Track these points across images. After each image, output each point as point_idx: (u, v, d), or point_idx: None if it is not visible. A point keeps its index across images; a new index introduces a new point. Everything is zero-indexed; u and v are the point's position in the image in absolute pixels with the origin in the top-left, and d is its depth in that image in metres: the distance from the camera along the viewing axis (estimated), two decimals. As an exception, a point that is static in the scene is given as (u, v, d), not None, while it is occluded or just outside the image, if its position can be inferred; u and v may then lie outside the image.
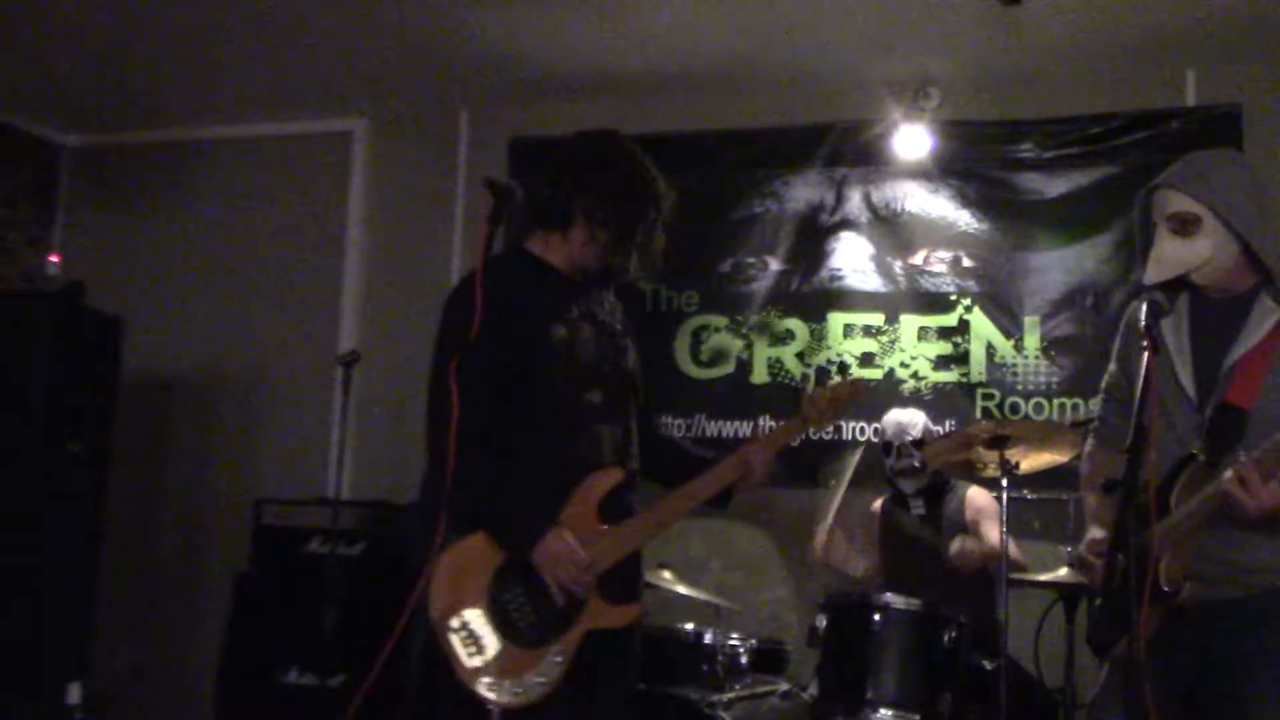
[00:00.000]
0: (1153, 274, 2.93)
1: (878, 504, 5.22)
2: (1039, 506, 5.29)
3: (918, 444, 4.95)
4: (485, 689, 2.88)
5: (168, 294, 6.69)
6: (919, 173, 5.83)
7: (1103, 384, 3.24)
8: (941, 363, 5.70)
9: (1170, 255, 2.91)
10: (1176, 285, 2.97)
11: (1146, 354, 2.71)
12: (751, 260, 5.99)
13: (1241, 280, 2.93)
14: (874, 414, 5.42)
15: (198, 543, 6.41)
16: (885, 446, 5.07)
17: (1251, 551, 2.79)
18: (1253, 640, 2.79)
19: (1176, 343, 2.97)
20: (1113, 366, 3.19)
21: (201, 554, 6.35)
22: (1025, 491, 5.18)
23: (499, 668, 2.90)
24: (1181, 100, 5.56)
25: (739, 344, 5.94)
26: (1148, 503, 2.67)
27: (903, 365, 5.74)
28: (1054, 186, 5.67)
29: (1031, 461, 4.36)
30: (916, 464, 4.94)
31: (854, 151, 5.91)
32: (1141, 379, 2.62)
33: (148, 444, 6.53)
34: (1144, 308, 2.83)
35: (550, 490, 3.01)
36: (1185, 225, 2.89)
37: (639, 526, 3.07)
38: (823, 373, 3.18)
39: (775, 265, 5.96)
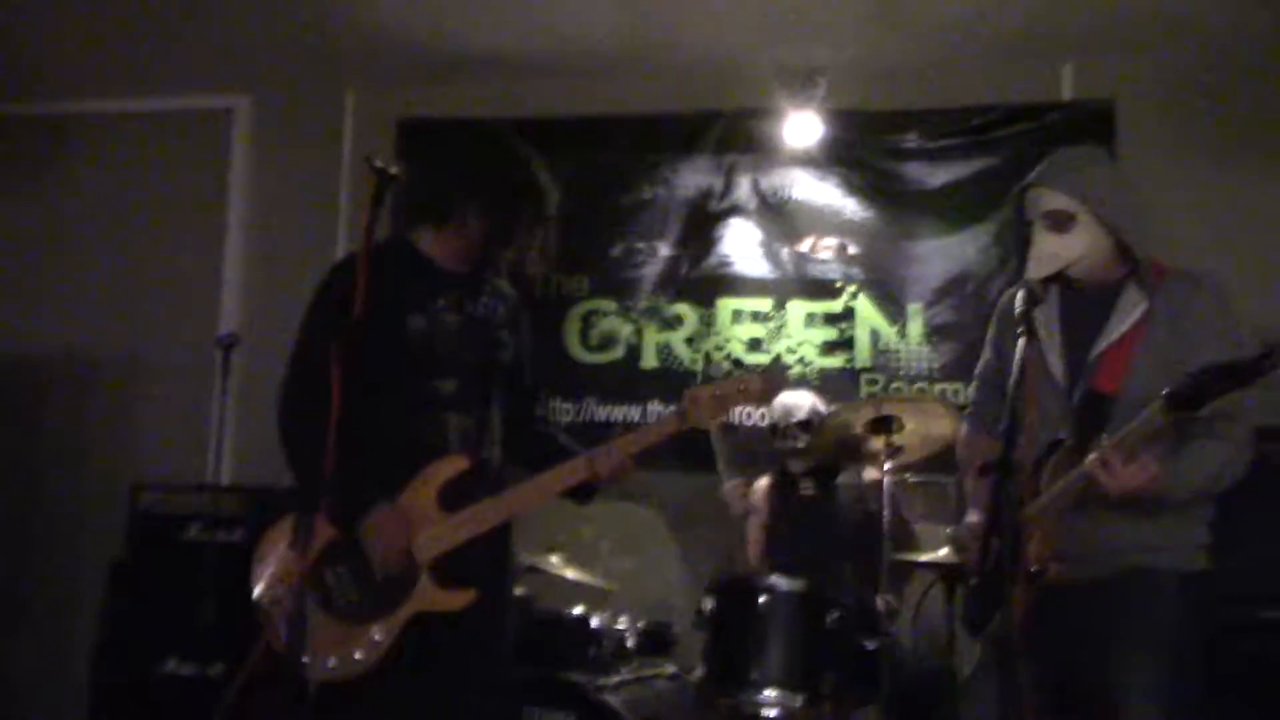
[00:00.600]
0: (1034, 270, 3.02)
1: (764, 482, 5.30)
2: (923, 490, 5.41)
3: (804, 425, 5.04)
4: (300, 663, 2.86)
5: (40, 273, 6.52)
6: (807, 161, 5.92)
7: (977, 370, 3.35)
8: (827, 348, 5.81)
9: (1049, 252, 3.00)
10: (1051, 277, 3.08)
11: (1021, 341, 2.82)
12: (641, 246, 6.04)
13: (1111, 272, 3.05)
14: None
15: (71, 529, 6.25)
16: (772, 428, 5.17)
17: (1112, 530, 2.91)
18: (1120, 621, 2.87)
19: (1048, 331, 3.08)
20: (987, 353, 3.30)
21: (75, 541, 6.21)
22: (909, 476, 5.30)
23: (315, 642, 2.90)
24: (1058, 94, 5.74)
25: (628, 329, 6.00)
26: (1020, 485, 2.78)
27: (789, 351, 5.84)
28: (937, 176, 5.81)
29: (914, 445, 4.49)
30: (800, 444, 5.03)
31: (743, 138, 5.99)
32: (1016, 366, 2.72)
33: (18, 428, 6.37)
34: (1019, 296, 2.94)
35: (389, 473, 3.06)
36: (1061, 221, 2.99)
37: (479, 513, 3.11)
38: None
39: (665, 250, 6.02)
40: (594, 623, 4.49)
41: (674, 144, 6.05)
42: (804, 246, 5.89)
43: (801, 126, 5.85)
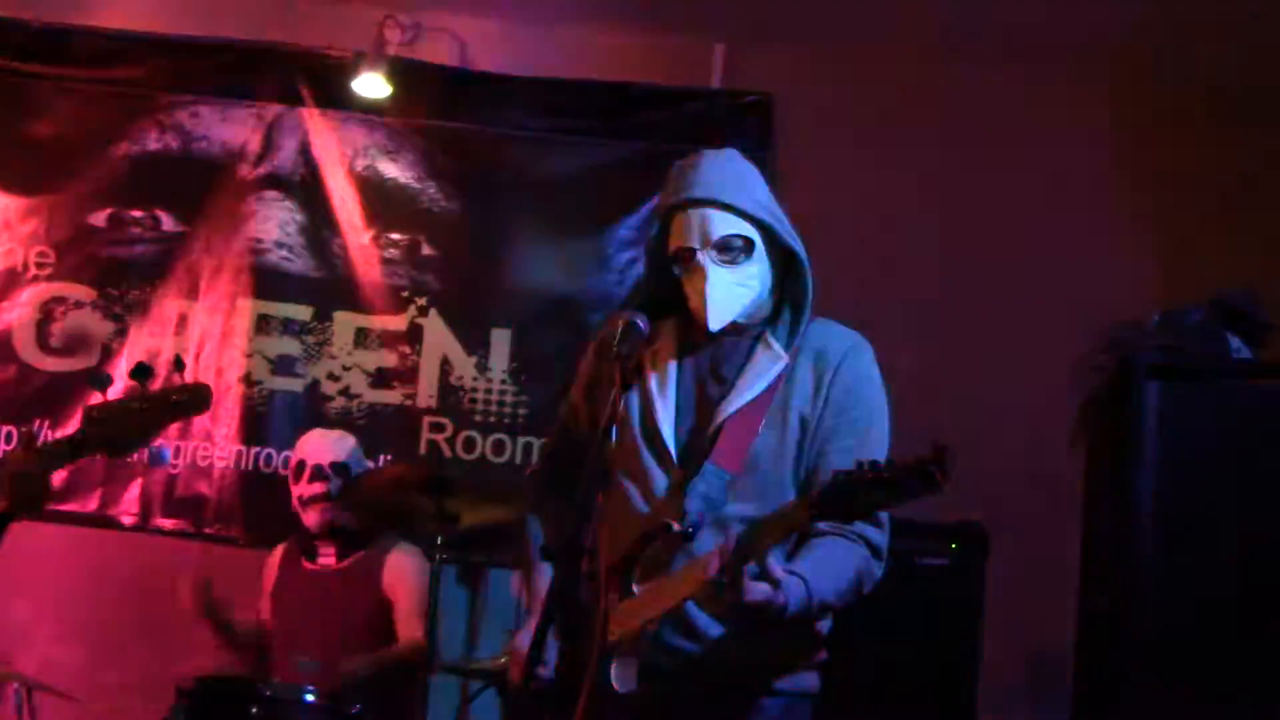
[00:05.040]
0: (717, 319, 2.98)
1: (277, 552, 5.15)
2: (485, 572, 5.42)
3: (340, 469, 4.94)
4: None
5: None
6: (376, 126, 5.84)
7: (559, 414, 3.29)
8: (382, 378, 5.73)
9: (730, 293, 2.97)
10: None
11: (615, 389, 2.77)
12: (137, 215, 5.79)
13: (757, 313, 3.08)
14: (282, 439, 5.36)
15: None
16: (297, 467, 5.03)
17: (715, 644, 2.88)
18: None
19: (660, 383, 3.04)
20: (574, 396, 3.23)
21: None
22: (474, 555, 5.28)
23: None
24: (707, 79, 5.89)
25: (108, 328, 5.72)
26: (600, 579, 2.72)
27: (332, 377, 5.72)
28: (547, 164, 5.82)
29: (479, 515, 4.45)
30: (332, 490, 4.92)
31: (292, 87, 5.84)
32: (605, 421, 2.67)
33: None
34: (620, 330, 2.89)
35: None
36: (737, 252, 2.99)
37: None
38: (143, 371, 3.07)
39: (170, 225, 5.80)
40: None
41: (197, 78, 5.87)
42: (363, 239, 5.78)
43: (373, 82, 5.73)
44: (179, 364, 3.14)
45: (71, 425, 5.50)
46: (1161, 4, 5.28)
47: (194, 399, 3.15)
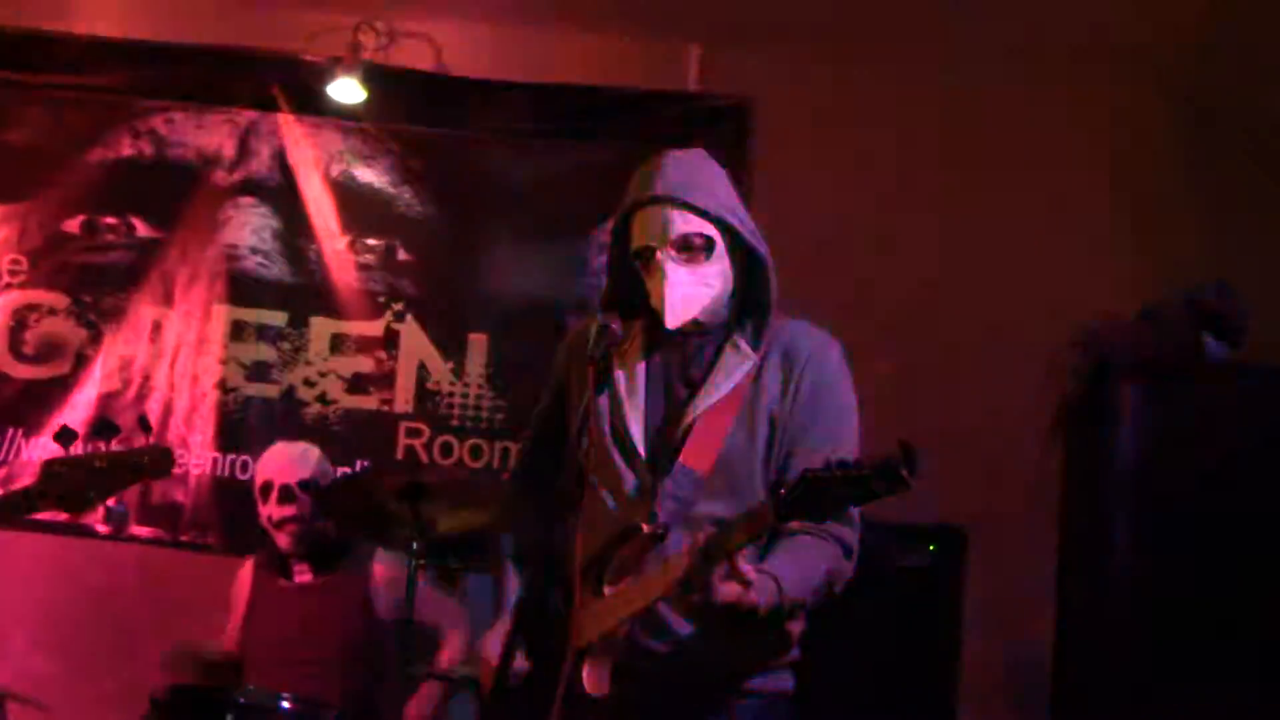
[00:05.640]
0: (674, 317, 2.97)
1: (246, 568, 5.09)
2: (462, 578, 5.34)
3: (307, 486, 4.88)
4: None
5: None
6: (352, 132, 5.83)
7: (534, 417, 3.28)
8: (358, 384, 5.71)
9: (690, 292, 2.96)
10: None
11: (589, 393, 2.76)
12: (111, 221, 5.77)
13: (720, 314, 3.07)
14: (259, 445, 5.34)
15: None
16: (264, 487, 4.96)
17: (688, 645, 2.87)
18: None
19: (629, 383, 3.02)
20: (548, 399, 3.22)
21: None
22: (451, 560, 5.25)
23: None
24: (683, 83, 5.88)
25: (83, 335, 5.69)
26: (572, 581, 2.71)
27: (307, 384, 5.70)
28: (523, 169, 5.82)
29: (453, 521, 4.43)
30: (302, 510, 4.86)
31: (267, 93, 5.82)
32: (579, 420, 2.66)
33: None
34: (592, 333, 2.88)
35: None
36: (697, 251, 2.98)
37: None
38: (106, 428, 3.07)
39: (144, 231, 5.77)
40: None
41: (173, 84, 5.85)
42: (339, 244, 5.77)
43: (348, 88, 5.72)
44: (145, 425, 3.15)
45: (45, 433, 5.54)
46: (1138, 7, 5.28)
47: (156, 462, 3.16)
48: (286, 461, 4.93)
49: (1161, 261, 5.30)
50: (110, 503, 3.29)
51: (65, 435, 3.13)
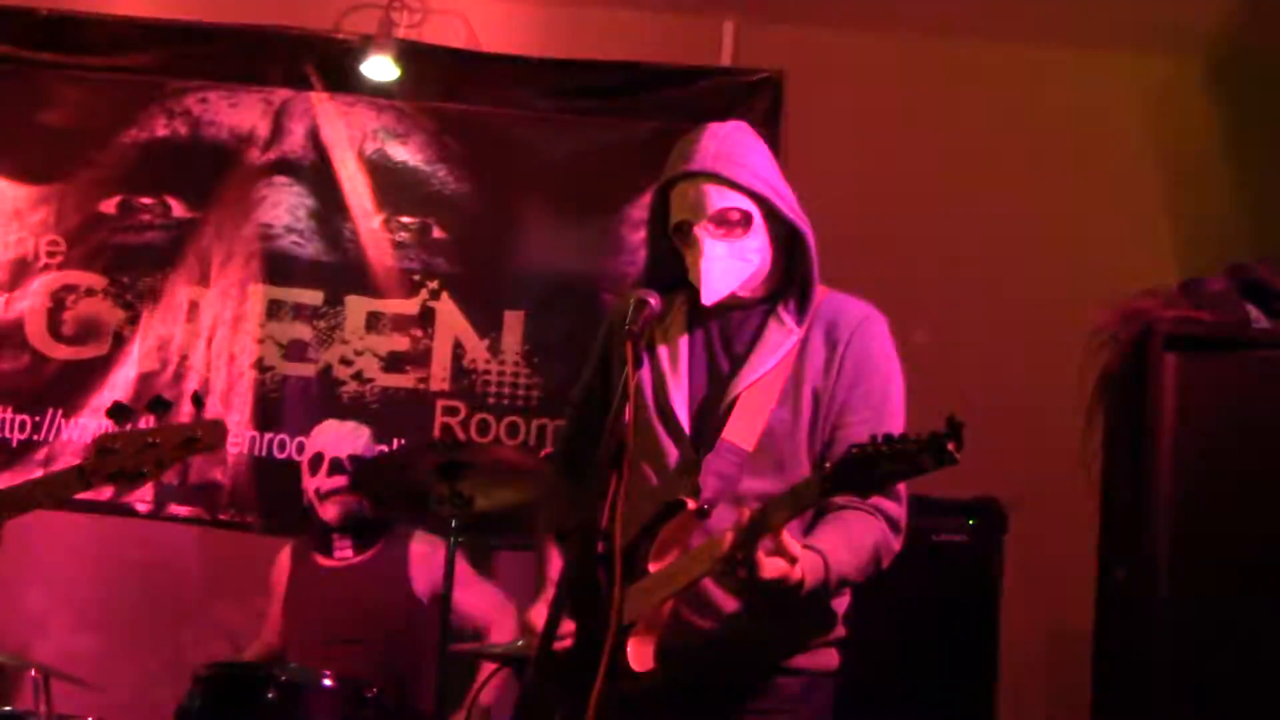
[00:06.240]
0: (711, 292, 2.96)
1: (285, 553, 5.13)
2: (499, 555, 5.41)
3: (357, 461, 4.92)
4: None
5: None
6: (385, 109, 5.81)
7: (574, 395, 3.27)
8: (395, 362, 5.70)
9: (727, 267, 2.95)
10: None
11: (629, 368, 2.75)
12: (147, 201, 5.77)
13: (764, 289, 3.05)
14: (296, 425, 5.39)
15: None
16: (314, 459, 5.00)
17: (733, 624, 2.87)
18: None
19: (672, 358, 3.02)
20: (590, 375, 3.22)
21: None
22: (490, 537, 5.27)
23: None
24: (717, 57, 5.86)
25: (121, 315, 5.70)
26: (615, 558, 2.70)
27: (344, 362, 5.69)
28: (558, 145, 5.80)
29: (492, 499, 4.43)
30: (338, 490, 4.88)
31: (300, 71, 5.82)
32: (619, 396, 2.64)
33: None
34: (631, 308, 2.87)
35: None
36: (734, 226, 2.97)
37: None
38: (159, 405, 3.09)
39: (180, 211, 5.77)
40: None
41: (207, 65, 5.84)
42: (373, 223, 5.76)
43: (382, 65, 5.72)
44: (198, 401, 3.16)
45: (84, 413, 5.57)
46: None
47: (210, 435, 3.16)
48: (339, 436, 5.04)
49: (1204, 233, 5.26)
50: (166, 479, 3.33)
51: (120, 411, 3.13)
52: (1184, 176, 5.50)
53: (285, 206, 5.79)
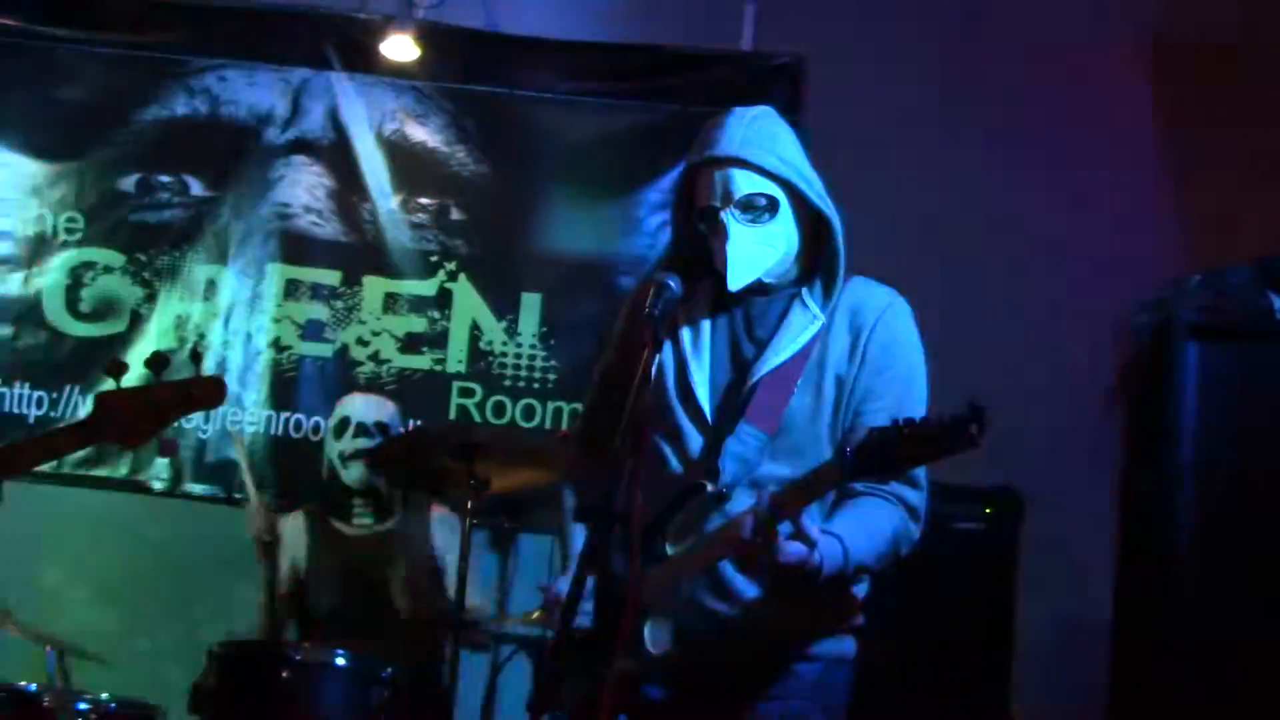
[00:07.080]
0: (737, 278, 2.94)
1: (299, 522, 5.08)
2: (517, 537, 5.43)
3: (383, 429, 4.92)
4: None
5: None
6: (404, 90, 5.81)
7: (595, 374, 3.26)
8: (411, 344, 5.71)
9: (753, 253, 2.93)
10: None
11: (648, 350, 2.73)
12: (166, 179, 5.76)
13: (788, 274, 3.04)
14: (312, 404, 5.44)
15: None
16: (339, 424, 5.00)
17: (751, 608, 2.86)
18: (750, 716, 2.88)
19: (695, 342, 3.01)
20: (611, 355, 3.20)
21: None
22: (504, 520, 5.28)
23: None
24: (738, 41, 5.84)
25: (139, 293, 5.70)
26: (633, 537, 2.69)
27: (361, 342, 5.70)
28: (576, 127, 5.79)
29: (508, 480, 4.42)
30: (375, 446, 4.87)
31: (320, 51, 5.81)
32: (640, 378, 2.63)
33: None
34: (652, 291, 2.86)
35: None
36: (761, 212, 2.95)
37: None
38: (157, 360, 3.09)
39: (199, 189, 5.77)
40: (46, 700, 4.24)
41: (224, 43, 5.83)
42: (392, 204, 5.75)
43: (402, 45, 5.70)
44: (196, 356, 3.16)
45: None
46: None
47: (207, 392, 3.17)
48: (366, 404, 5.05)
49: (1225, 224, 5.23)
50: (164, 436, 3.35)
51: (116, 367, 3.14)
52: (1210, 166, 5.46)
53: (304, 186, 5.79)
